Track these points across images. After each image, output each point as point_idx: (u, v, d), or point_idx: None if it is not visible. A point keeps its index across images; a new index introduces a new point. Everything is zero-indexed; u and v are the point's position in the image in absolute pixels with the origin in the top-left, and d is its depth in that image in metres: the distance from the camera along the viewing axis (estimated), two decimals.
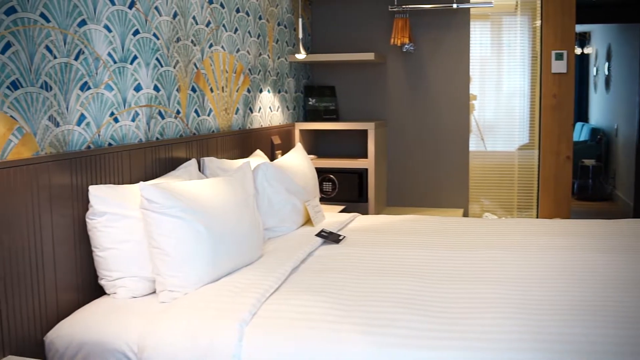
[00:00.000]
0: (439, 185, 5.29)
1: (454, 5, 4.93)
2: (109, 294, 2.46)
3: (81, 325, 2.20)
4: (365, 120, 5.07)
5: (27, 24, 2.17)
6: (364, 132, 5.13)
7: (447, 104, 5.21)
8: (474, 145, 5.73)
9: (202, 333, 2.05)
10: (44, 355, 2.22)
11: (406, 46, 5.12)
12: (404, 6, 5.03)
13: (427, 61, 5.21)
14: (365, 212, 4.75)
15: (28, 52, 2.18)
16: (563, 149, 5.28)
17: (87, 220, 2.40)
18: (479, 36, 5.77)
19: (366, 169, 4.74)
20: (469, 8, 5.10)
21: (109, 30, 2.62)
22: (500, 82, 5.83)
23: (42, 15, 2.24)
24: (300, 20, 4.54)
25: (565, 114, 5.26)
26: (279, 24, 4.66)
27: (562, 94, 5.25)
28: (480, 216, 5.88)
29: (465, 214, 5.22)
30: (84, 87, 2.47)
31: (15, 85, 2.12)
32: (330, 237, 3.14)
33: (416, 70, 5.24)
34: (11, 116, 2.11)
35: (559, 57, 5.20)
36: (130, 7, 2.77)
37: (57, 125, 2.32)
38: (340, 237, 3.18)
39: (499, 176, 5.84)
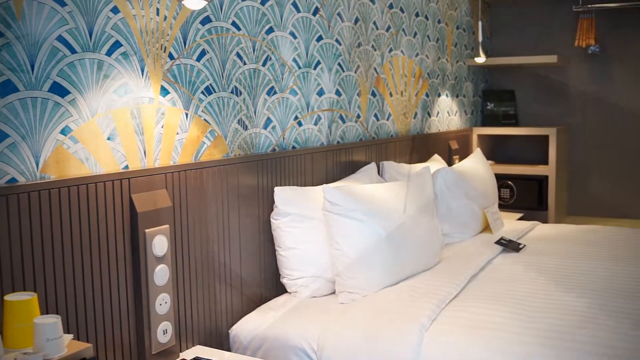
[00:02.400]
0: (625, 194, 4.99)
1: None
2: (290, 293, 2.53)
3: (264, 321, 2.28)
4: (546, 126, 4.89)
5: (220, 33, 2.28)
6: (544, 138, 4.95)
7: (636, 109, 4.91)
8: None
9: (381, 336, 2.06)
10: (229, 347, 2.32)
11: (592, 48, 4.89)
12: (589, 6, 4.80)
13: (614, 63, 4.94)
14: (544, 220, 4.58)
15: (220, 59, 2.29)
16: None
17: (271, 220, 2.49)
18: None
19: (546, 176, 4.57)
20: None
21: (294, 37, 2.70)
22: None
23: (234, 23, 2.35)
24: (479, 23, 4.46)
25: None
26: (457, 28, 4.60)
27: None
28: None
29: None
30: (271, 91, 2.56)
31: (208, 91, 2.23)
32: (509, 245, 3.05)
33: (602, 73, 4.98)
34: (205, 120, 2.22)
35: None
36: (314, 14, 2.84)
37: (246, 128, 2.43)
38: (520, 246, 3.08)
39: None
